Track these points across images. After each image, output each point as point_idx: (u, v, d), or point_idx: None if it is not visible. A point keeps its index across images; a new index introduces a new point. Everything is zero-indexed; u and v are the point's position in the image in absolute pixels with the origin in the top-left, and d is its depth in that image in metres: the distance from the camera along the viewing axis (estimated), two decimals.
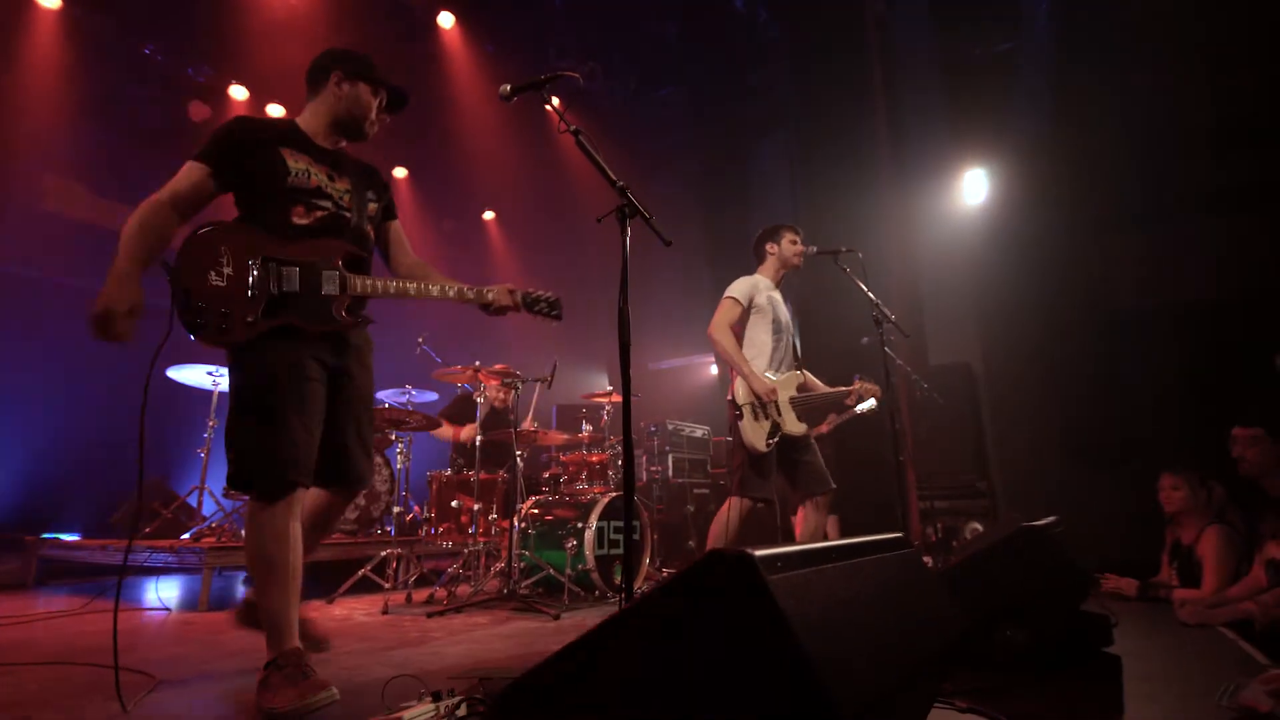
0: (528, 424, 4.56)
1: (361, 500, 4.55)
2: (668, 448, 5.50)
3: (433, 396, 5.23)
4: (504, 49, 6.92)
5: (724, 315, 2.93)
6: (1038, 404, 5.36)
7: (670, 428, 5.61)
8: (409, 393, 5.08)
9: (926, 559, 4.13)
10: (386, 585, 3.40)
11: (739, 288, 2.98)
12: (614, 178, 1.67)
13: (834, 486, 2.92)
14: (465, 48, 6.81)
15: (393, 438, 5.05)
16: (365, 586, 3.44)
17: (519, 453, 3.51)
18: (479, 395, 3.57)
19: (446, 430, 4.25)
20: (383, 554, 3.46)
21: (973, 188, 5.83)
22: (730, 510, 2.80)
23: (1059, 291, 5.30)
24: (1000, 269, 5.60)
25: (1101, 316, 5.21)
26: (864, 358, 4.34)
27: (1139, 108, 5.12)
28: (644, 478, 5.47)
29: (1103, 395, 5.12)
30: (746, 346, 2.96)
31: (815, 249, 3.04)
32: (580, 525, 3.35)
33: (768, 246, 3.12)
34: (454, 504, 3.52)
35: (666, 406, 7.03)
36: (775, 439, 2.77)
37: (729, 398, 2.87)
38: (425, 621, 2.77)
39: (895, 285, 6.28)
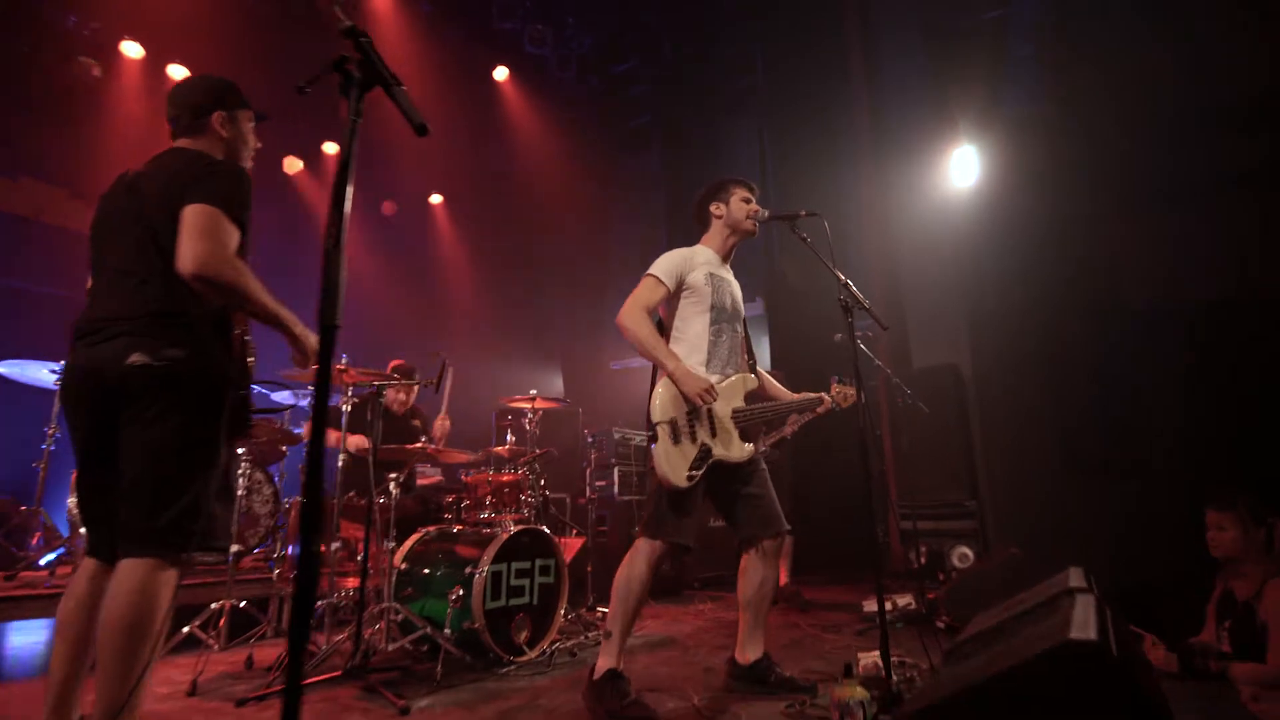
0: (438, 428, 3.81)
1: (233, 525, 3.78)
2: (613, 460, 4.77)
3: (335, 399, 4.47)
4: (442, 9, 6.16)
5: (639, 297, 2.17)
6: (1034, 412, 4.71)
7: (617, 436, 4.88)
8: (307, 394, 4.33)
9: (907, 602, 3.44)
10: (213, 645, 2.63)
11: (664, 262, 2.26)
12: (346, 20, 0.95)
13: (787, 529, 2.22)
14: (399, 6, 6.05)
15: (283, 450, 4.30)
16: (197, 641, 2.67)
17: (393, 476, 2.76)
18: (346, 403, 2.81)
19: (329, 436, 3.46)
20: (211, 605, 2.68)
21: (961, 168, 5.17)
22: (638, 556, 2.09)
23: (1058, 285, 4.66)
24: (992, 259, 4.95)
25: (1107, 314, 4.57)
26: (839, 359, 3.63)
27: (1149, 78, 4.49)
28: (586, 494, 4.74)
29: (1108, 403, 4.48)
30: (674, 341, 2.24)
31: (768, 212, 2.33)
32: (469, 570, 2.61)
33: (713, 207, 2.39)
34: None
35: (627, 410, 6.31)
36: (701, 469, 2.05)
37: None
38: (228, 711, 2.02)
39: (874, 277, 5.61)
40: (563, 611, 2.91)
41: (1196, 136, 4.35)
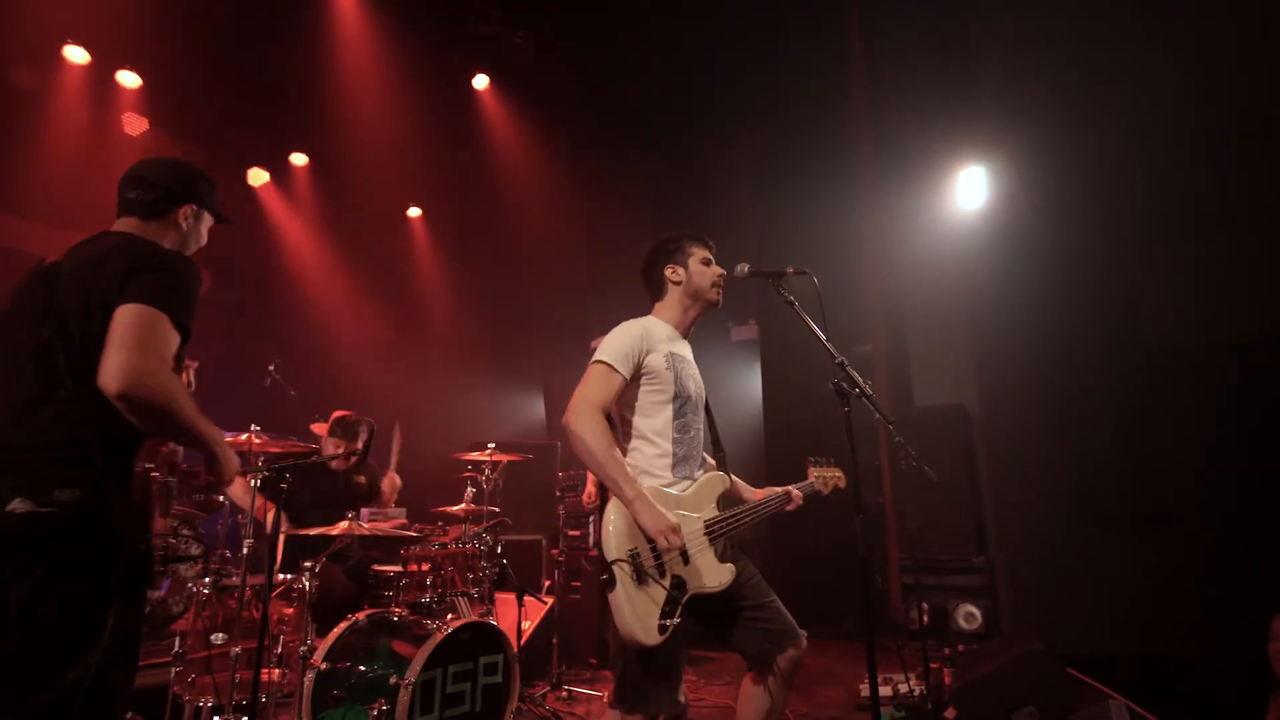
0: (386, 487, 3.42)
1: (155, 592, 3.38)
2: (594, 521, 4.37)
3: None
4: (414, 12, 5.78)
5: (591, 393, 1.72)
6: (1047, 457, 4.33)
7: (600, 508, 4.47)
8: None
9: (909, 689, 3.04)
10: None
11: (616, 344, 1.79)
12: None
13: (804, 636, 1.81)
14: (366, 8, 5.67)
15: (220, 500, 3.90)
16: None
17: (309, 565, 2.35)
18: (254, 477, 2.39)
19: (244, 497, 2.99)
20: None
21: (970, 189, 4.79)
22: None
23: (1076, 318, 4.28)
24: (1002, 288, 4.56)
25: (1127, 351, 4.20)
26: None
27: (1180, 91, 4.11)
28: (559, 543, 4.35)
29: (1129, 450, 4.11)
30: (633, 441, 1.82)
31: (748, 268, 1.93)
32: (394, 680, 2.21)
33: (668, 271, 1.94)
34: (216, 637, 2.36)
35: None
36: (676, 614, 1.64)
37: (595, 542, 1.74)
38: None
39: (875, 308, 5.23)
40: (512, 716, 2.51)
41: (1226, 159, 3.98)
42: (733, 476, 2.01)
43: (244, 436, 2.46)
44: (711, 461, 2.00)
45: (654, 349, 1.82)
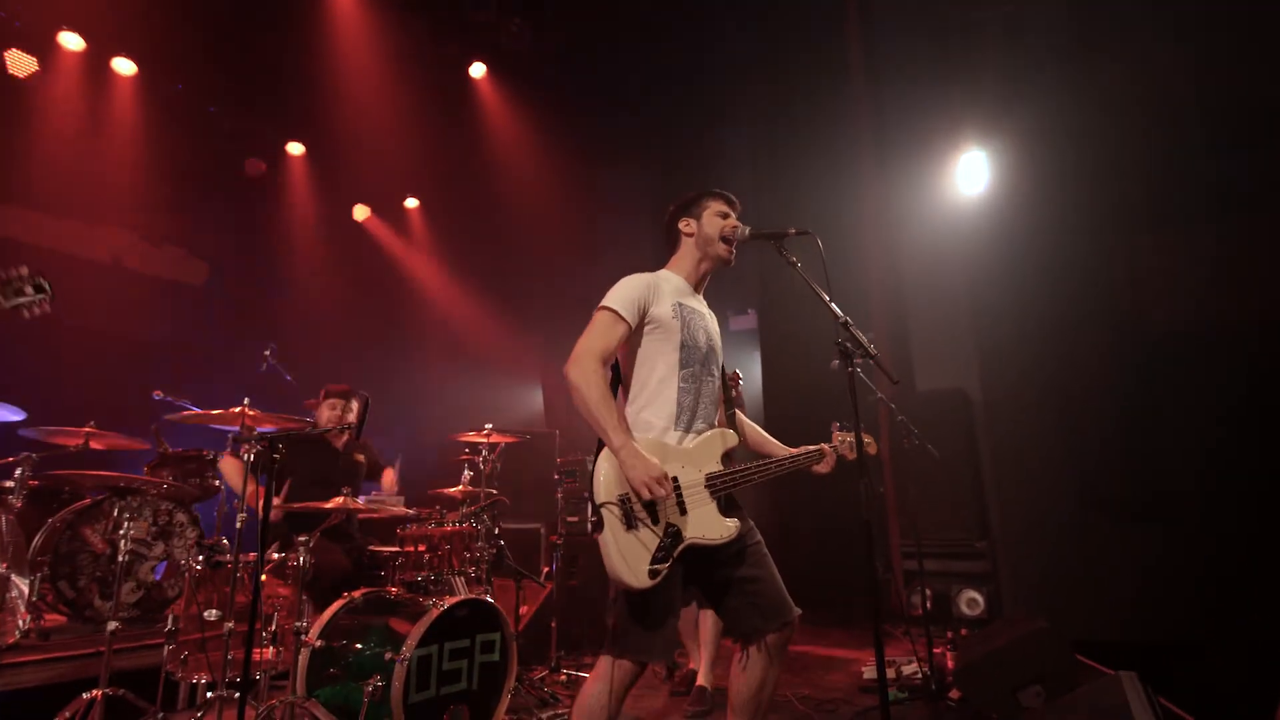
0: (387, 483, 3.40)
1: (151, 576, 3.34)
2: (587, 493, 4.33)
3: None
4: (409, 1, 5.75)
5: (593, 340, 1.72)
6: (1049, 444, 4.30)
7: (593, 467, 4.43)
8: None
9: (914, 671, 3.01)
10: None
11: (621, 292, 1.79)
12: None
13: (797, 614, 1.77)
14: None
15: (216, 483, 3.87)
16: None
17: (303, 540, 2.31)
18: (247, 452, 2.34)
19: (236, 477, 2.95)
20: (85, 696, 2.24)
21: (969, 174, 4.76)
22: (598, 680, 1.66)
23: (1077, 304, 4.25)
24: (1004, 274, 4.54)
25: (1131, 335, 4.16)
26: (841, 388, 3.19)
27: (1183, 75, 4.07)
28: (558, 528, 4.31)
29: (1131, 437, 4.08)
30: (635, 391, 1.82)
31: (749, 230, 1.91)
32: (389, 656, 2.18)
33: (682, 224, 1.97)
34: (209, 613, 2.32)
35: None
36: (668, 561, 1.63)
37: (589, 492, 1.73)
38: None
39: (876, 293, 5.19)
40: (509, 695, 2.47)
41: (1232, 147, 3.94)
42: (758, 430, 2.02)
43: (236, 410, 2.42)
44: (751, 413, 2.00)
45: (660, 299, 1.81)
